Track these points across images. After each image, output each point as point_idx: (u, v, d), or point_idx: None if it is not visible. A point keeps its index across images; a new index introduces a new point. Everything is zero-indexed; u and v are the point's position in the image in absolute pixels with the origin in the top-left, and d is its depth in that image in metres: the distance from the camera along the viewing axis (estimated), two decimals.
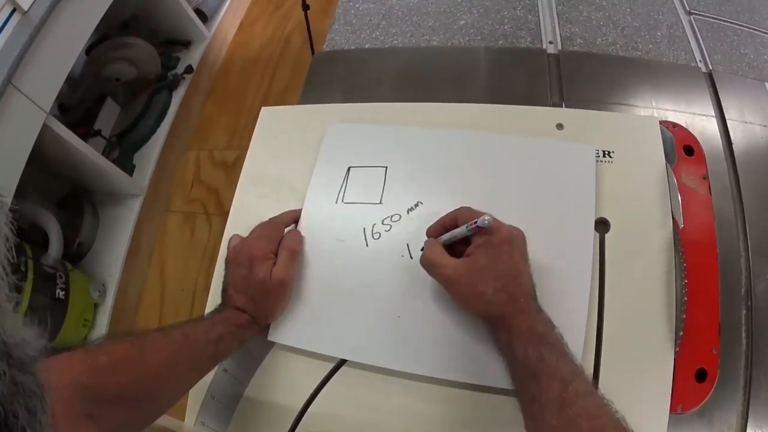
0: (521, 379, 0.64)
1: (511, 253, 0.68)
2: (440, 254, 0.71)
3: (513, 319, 0.65)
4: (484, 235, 0.69)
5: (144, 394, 0.67)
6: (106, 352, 0.65)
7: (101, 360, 0.63)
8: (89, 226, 2.10)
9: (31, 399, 0.30)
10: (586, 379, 0.61)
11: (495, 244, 0.68)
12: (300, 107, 1.04)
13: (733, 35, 1.13)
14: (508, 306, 0.66)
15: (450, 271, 0.69)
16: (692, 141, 0.89)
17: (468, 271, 0.68)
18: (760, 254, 0.82)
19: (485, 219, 0.67)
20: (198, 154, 2.45)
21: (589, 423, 0.57)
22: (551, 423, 0.58)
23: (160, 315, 2.10)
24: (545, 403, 0.59)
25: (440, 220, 0.75)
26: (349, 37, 1.19)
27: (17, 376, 0.29)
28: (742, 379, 0.75)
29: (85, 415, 0.58)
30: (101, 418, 0.60)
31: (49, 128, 1.70)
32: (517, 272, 0.68)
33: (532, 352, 0.62)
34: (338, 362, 0.79)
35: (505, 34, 1.12)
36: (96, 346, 0.65)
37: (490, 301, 0.66)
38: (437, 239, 0.74)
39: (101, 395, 0.61)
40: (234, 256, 0.80)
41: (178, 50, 2.62)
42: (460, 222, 0.72)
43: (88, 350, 0.64)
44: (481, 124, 0.91)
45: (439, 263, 0.70)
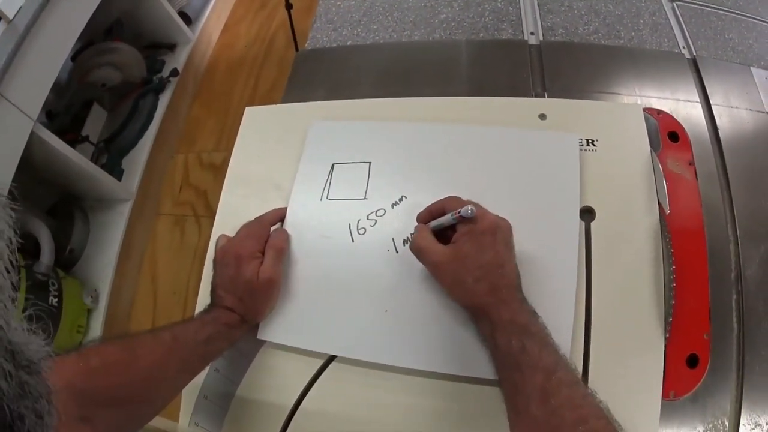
0: (504, 370, 0.64)
1: (494, 243, 0.68)
2: (429, 240, 0.72)
3: (494, 310, 0.65)
4: (469, 224, 0.69)
5: (137, 396, 0.67)
6: (98, 354, 0.65)
7: (93, 363, 0.63)
8: (80, 233, 2.10)
9: (38, 401, 0.30)
10: (569, 369, 0.61)
11: (478, 233, 0.68)
12: (283, 106, 1.04)
13: (717, 20, 1.13)
14: (489, 296, 0.66)
15: (436, 256, 0.70)
16: (677, 127, 0.90)
17: (452, 259, 0.69)
18: (748, 238, 0.83)
19: (468, 209, 0.67)
20: (186, 156, 2.45)
21: (572, 413, 0.57)
22: (534, 413, 0.58)
23: (153, 318, 2.10)
24: (528, 393, 0.59)
25: (429, 207, 0.76)
26: (331, 34, 1.19)
27: (24, 378, 0.29)
28: (734, 364, 0.75)
29: (80, 418, 0.59)
30: (95, 420, 0.60)
31: (37, 136, 1.70)
32: (499, 262, 0.68)
33: (514, 342, 0.62)
34: (328, 358, 0.79)
35: (486, 26, 1.12)
36: (87, 349, 0.66)
37: (471, 290, 0.67)
38: (426, 225, 0.75)
39: (94, 398, 0.61)
40: (221, 257, 0.80)
41: (164, 53, 2.61)
42: (447, 210, 0.72)
43: (80, 354, 0.64)
44: (464, 117, 0.91)
45: (427, 249, 0.71)
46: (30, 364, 0.30)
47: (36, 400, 0.30)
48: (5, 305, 0.29)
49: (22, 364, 0.29)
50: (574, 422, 0.56)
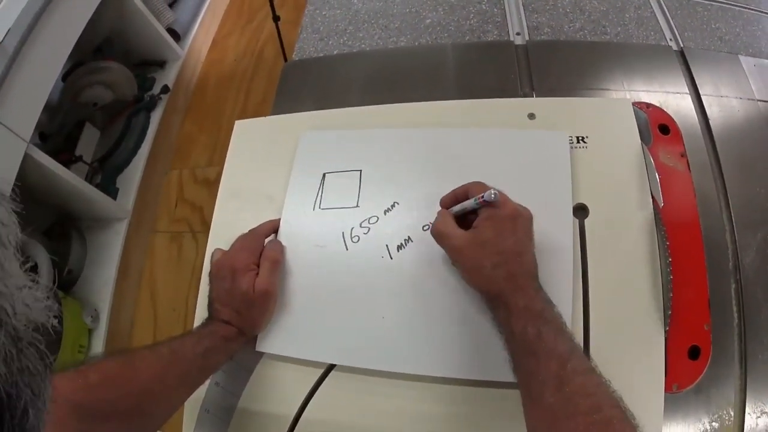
0: (519, 357, 0.64)
1: (515, 230, 0.69)
2: (450, 225, 0.72)
3: (511, 296, 0.65)
4: (490, 210, 0.69)
5: (136, 410, 0.67)
6: (96, 370, 0.65)
7: (92, 378, 0.63)
8: (77, 253, 2.09)
9: (35, 379, 0.30)
10: (583, 357, 0.61)
11: (499, 219, 0.69)
12: (272, 118, 1.04)
13: (703, 11, 1.13)
14: (506, 282, 0.66)
15: (456, 241, 0.70)
16: (667, 120, 0.90)
17: (471, 243, 0.69)
18: (744, 226, 0.83)
19: (491, 193, 0.68)
20: (180, 173, 2.45)
21: (586, 400, 0.57)
22: (549, 401, 0.58)
23: (154, 335, 2.10)
24: (543, 380, 0.59)
25: (453, 191, 0.76)
26: (318, 44, 1.19)
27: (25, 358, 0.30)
28: (737, 354, 0.75)
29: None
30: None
31: (30, 157, 1.69)
32: (519, 249, 0.68)
33: (530, 329, 0.62)
34: (327, 367, 0.79)
35: (472, 29, 1.12)
36: (86, 365, 0.66)
37: (488, 276, 0.67)
38: (449, 210, 0.75)
39: (93, 413, 0.61)
40: (217, 270, 0.80)
41: (154, 71, 2.61)
42: (470, 194, 0.72)
43: (78, 370, 0.64)
44: (453, 121, 0.91)
45: (448, 233, 0.71)
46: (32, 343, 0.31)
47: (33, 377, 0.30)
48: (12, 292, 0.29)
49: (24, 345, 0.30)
50: (588, 410, 0.56)
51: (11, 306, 0.29)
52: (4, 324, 0.28)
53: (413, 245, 0.81)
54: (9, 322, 0.28)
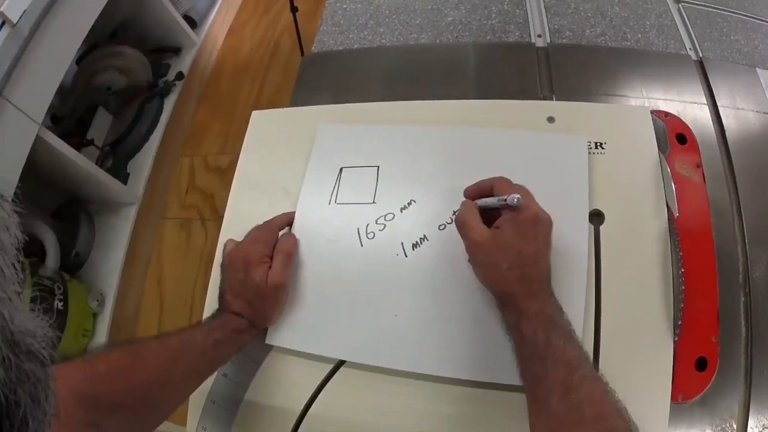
0: (527, 361, 0.64)
1: (536, 235, 0.69)
2: (474, 217, 0.72)
3: (523, 300, 0.65)
4: (513, 211, 0.69)
5: (143, 401, 0.67)
6: (104, 360, 0.65)
7: (99, 369, 0.63)
8: (85, 236, 2.10)
9: (35, 387, 0.30)
10: (591, 365, 0.62)
11: (521, 222, 0.69)
12: (290, 110, 1.04)
13: (723, 22, 1.12)
14: (520, 285, 0.66)
15: (477, 235, 0.70)
16: (684, 129, 0.89)
17: (491, 241, 0.69)
18: (756, 240, 0.82)
19: (514, 197, 0.68)
20: (192, 160, 2.45)
21: (592, 409, 0.57)
22: (555, 407, 0.58)
23: (159, 322, 2.10)
24: (550, 386, 0.60)
25: (479, 183, 0.77)
26: (338, 37, 1.19)
27: (23, 365, 0.29)
28: (742, 367, 0.75)
29: (87, 424, 0.59)
30: (102, 426, 0.60)
31: (42, 140, 1.69)
32: (536, 254, 0.68)
33: (540, 334, 0.62)
34: (337, 363, 0.79)
35: (494, 29, 1.12)
36: (93, 355, 0.66)
37: (502, 276, 0.67)
38: (474, 202, 0.75)
39: (101, 403, 0.61)
40: (229, 261, 0.80)
41: (169, 57, 2.61)
42: (495, 191, 0.73)
43: (86, 359, 0.64)
44: (472, 120, 0.91)
45: (471, 225, 0.71)
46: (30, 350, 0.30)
47: (33, 385, 0.30)
48: (10, 298, 0.29)
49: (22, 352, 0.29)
50: (594, 418, 0.57)
51: (9, 312, 0.29)
52: (1, 329, 0.28)
53: (429, 244, 0.81)
54: (6, 327, 0.28)
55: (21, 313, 0.30)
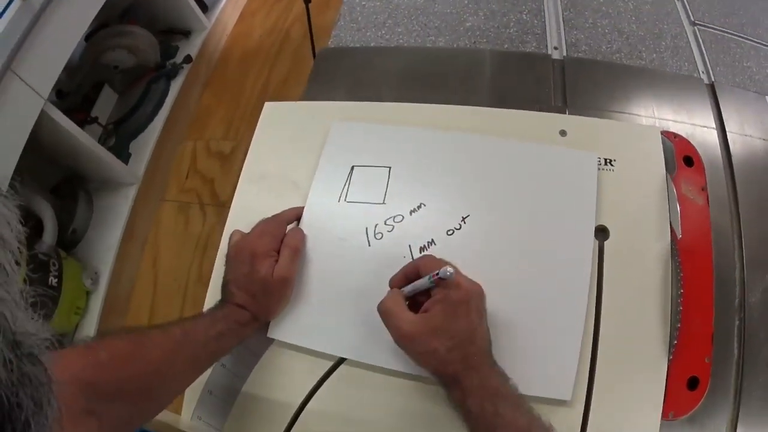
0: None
1: (468, 312, 0.68)
2: (399, 304, 0.70)
3: (466, 377, 0.64)
4: (444, 290, 0.68)
5: (144, 390, 0.67)
6: (106, 348, 0.65)
7: (101, 356, 0.63)
8: (83, 214, 2.09)
9: (37, 390, 0.30)
10: (543, 427, 0.62)
11: (453, 302, 0.67)
12: (303, 104, 1.04)
13: (737, 48, 1.13)
14: (460, 364, 0.65)
15: (406, 325, 0.68)
16: (692, 152, 0.90)
17: (423, 328, 0.67)
18: (754, 266, 0.83)
19: (447, 271, 0.66)
20: (194, 144, 2.44)
21: None
22: None
23: (152, 304, 2.10)
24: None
25: (402, 270, 0.75)
26: (355, 34, 1.19)
27: (25, 367, 0.29)
28: (732, 389, 0.76)
29: (86, 412, 0.59)
30: (102, 414, 0.60)
31: (46, 115, 1.69)
32: (471, 331, 0.67)
33: (487, 406, 0.62)
34: (337, 360, 0.80)
35: (511, 37, 1.12)
36: (95, 342, 0.66)
37: (443, 360, 0.66)
38: (399, 290, 0.73)
39: (101, 391, 0.61)
40: (235, 253, 0.80)
41: (178, 39, 2.60)
42: (422, 272, 0.71)
43: (88, 346, 0.64)
44: (485, 128, 0.91)
45: (396, 314, 0.69)
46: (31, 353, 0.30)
47: (35, 388, 0.30)
48: (13, 299, 0.29)
49: (24, 354, 0.29)
50: None
51: (11, 313, 0.29)
52: (3, 330, 0.28)
53: (436, 248, 0.81)
54: (8, 328, 0.28)
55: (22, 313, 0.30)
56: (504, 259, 0.80)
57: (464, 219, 0.82)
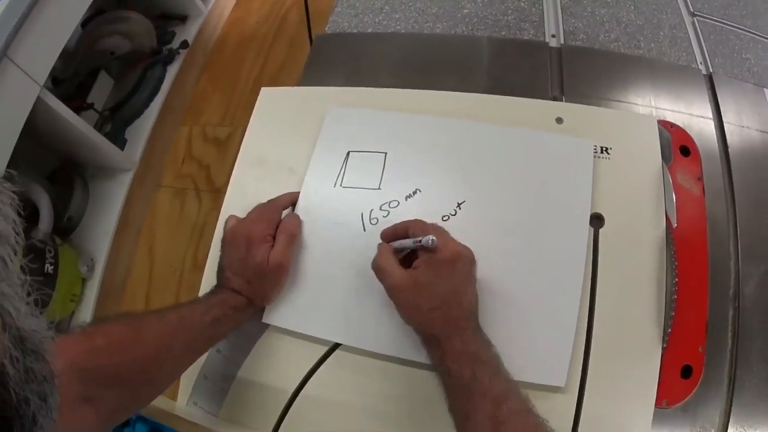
0: (454, 398, 0.64)
1: (452, 273, 0.69)
2: (390, 261, 0.72)
3: (446, 339, 0.65)
4: (430, 252, 0.69)
5: (140, 376, 0.67)
6: (103, 334, 0.65)
7: (98, 342, 0.63)
8: (79, 200, 2.08)
9: (42, 386, 0.30)
10: (521, 398, 0.62)
11: (437, 263, 0.69)
12: (300, 89, 1.04)
13: (736, 39, 1.13)
14: (443, 325, 0.66)
15: (395, 279, 0.70)
16: (689, 142, 0.90)
17: (409, 284, 0.69)
18: (749, 257, 0.84)
19: (429, 239, 0.68)
20: (190, 129, 2.43)
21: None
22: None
23: (147, 290, 2.09)
24: (479, 421, 0.60)
25: (393, 226, 0.77)
26: (352, 20, 1.18)
27: (30, 363, 0.29)
28: (726, 378, 0.77)
29: (84, 398, 0.59)
30: (99, 400, 0.61)
31: (42, 101, 1.68)
32: (456, 292, 0.68)
33: (465, 371, 0.62)
34: (332, 346, 0.80)
35: (509, 25, 1.12)
36: (92, 328, 0.66)
37: (425, 318, 0.67)
38: (389, 245, 0.75)
39: (99, 377, 0.61)
40: (231, 238, 0.80)
41: (174, 25, 2.58)
42: (411, 233, 0.73)
43: (85, 332, 0.64)
44: (482, 115, 0.91)
45: (387, 269, 0.71)
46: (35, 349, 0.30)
47: (40, 383, 0.30)
48: (15, 292, 0.29)
49: (28, 350, 0.29)
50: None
51: (15, 308, 0.29)
52: (8, 326, 0.28)
53: None
54: (13, 324, 0.28)
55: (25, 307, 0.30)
56: (499, 246, 0.80)
57: (459, 205, 0.82)
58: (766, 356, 0.78)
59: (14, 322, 0.28)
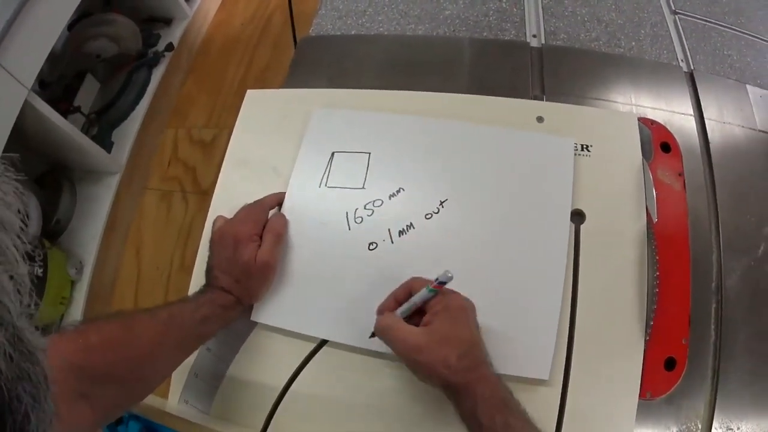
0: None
1: (468, 320, 0.69)
2: (398, 321, 0.70)
3: (477, 386, 0.64)
4: (441, 302, 0.69)
5: (133, 374, 0.68)
6: (97, 332, 0.65)
7: (92, 340, 0.64)
8: (67, 204, 2.08)
9: (36, 388, 0.30)
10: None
11: (454, 311, 0.68)
12: (285, 91, 1.04)
13: (718, 36, 1.14)
14: (471, 373, 0.64)
15: (413, 338, 0.67)
16: (669, 138, 0.91)
17: (430, 338, 0.66)
18: (731, 250, 0.85)
19: (447, 274, 0.67)
20: (176, 132, 2.42)
21: None
22: None
23: (135, 292, 2.09)
24: None
25: (392, 294, 0.74)
26: (336, 22, 1.19)
27: (23, 363, 0.29)
28: (710, 370, 0.77)
29: (79, 395, 0.59)
30: (94, 398, 0.61)
31: (30, 104, 1.68)
32: (475, 339, 0.68)
33: (498, 418, 0.61)
34: (319, 342, 0.81)
35: (490, 25, 1.13)
36: (85, 326, 0.66)
37: (454, 368, 0.64)
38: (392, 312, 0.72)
39: (93, 375, 0.62)
40: (219, 238, 0.81)
41: (160, 27, 2.57)
42: (414, 290, 0.71)
43: (79, 330, 0.65)
44: (464, 114, 0.92)
45: (399, 328, 0.68)
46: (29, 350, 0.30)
47: (35, 385, 0.30)
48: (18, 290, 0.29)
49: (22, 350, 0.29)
50: None
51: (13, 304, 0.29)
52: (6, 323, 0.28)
53: (415, 232, 0.83)
54: (11, 321, 0.28)
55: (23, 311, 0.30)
56: (481, 242, 0.81)
57: (442, 203, 0.84)
58: (750, 347, 0.79)
59: (11, 318, 0.28)
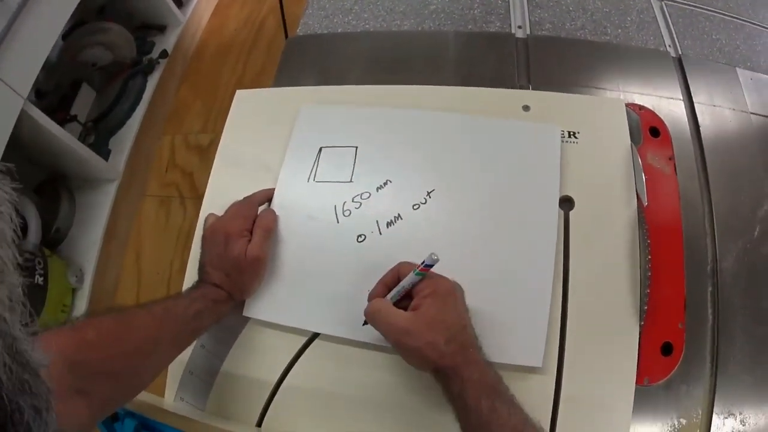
0: (472, 429, 0.64)
1: (456, 302, 0.69)
2: (387, 304, 0.70)
3: (465, 369, 0.64)
4: (429, 287, 0.69)
5: (129, 369, 0.68)
6: (93, 327, 0.66)
7: (89, 335, 0.64)
8: (66, 212, 2.09)
9: (37, 399, 0.30)
10: (536, 428, 0.63)
11: (441, 295, 0.69)
12: (274, 90, 1.05)
13: (706, 21, 1.13)
14: (460, 356, 0.65)
15: (400, 320, 0.67)
16: (658, 123, 0.91)
17: (419, 322, 0.67)
18: (725, 233, 0.84)
19: (433, 257, 0.67)
20: (173, 138, 2.44)
21: None
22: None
23: (137, 298, 2.09)
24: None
25: (381, 280, 0.75)
26: (322, 21, 1.19)
27: (23, 375, 0.29)
28: (709, 354, 0.77)
29: (76, 390, 0.59)
30: (90, 393, 0.61)
31: (26, 114, 1.68)
32: (463, 322, 0.68)
33: (484, 402, 0.62)
34: (311, 336, 0.81)
35: (475, 18, 1.13)
36: (82, 322, 0.66)
37: (443, 352, 0.65)
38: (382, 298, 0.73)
39: (89, 370, 0.62)
40: (210, 234, 0.81)
41: (154, 35, 2.59)
42: (402, 275, 0.72)
43: (75, 326, 0.65)
44: (450, 106, 0.92)
45: (388, 311, 0.69)
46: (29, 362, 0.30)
47: (35, 397, 0.30)
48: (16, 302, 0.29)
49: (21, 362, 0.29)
50: None
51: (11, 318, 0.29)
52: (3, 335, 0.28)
53: (402, 223, 0.83)
54: (9, 332, 0.28)
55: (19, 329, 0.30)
56: (469, 231, 0.81)
57: (429, 193, 0.84)
58: (749, 330, 0.79)
59: (9, 329, 0.28)
